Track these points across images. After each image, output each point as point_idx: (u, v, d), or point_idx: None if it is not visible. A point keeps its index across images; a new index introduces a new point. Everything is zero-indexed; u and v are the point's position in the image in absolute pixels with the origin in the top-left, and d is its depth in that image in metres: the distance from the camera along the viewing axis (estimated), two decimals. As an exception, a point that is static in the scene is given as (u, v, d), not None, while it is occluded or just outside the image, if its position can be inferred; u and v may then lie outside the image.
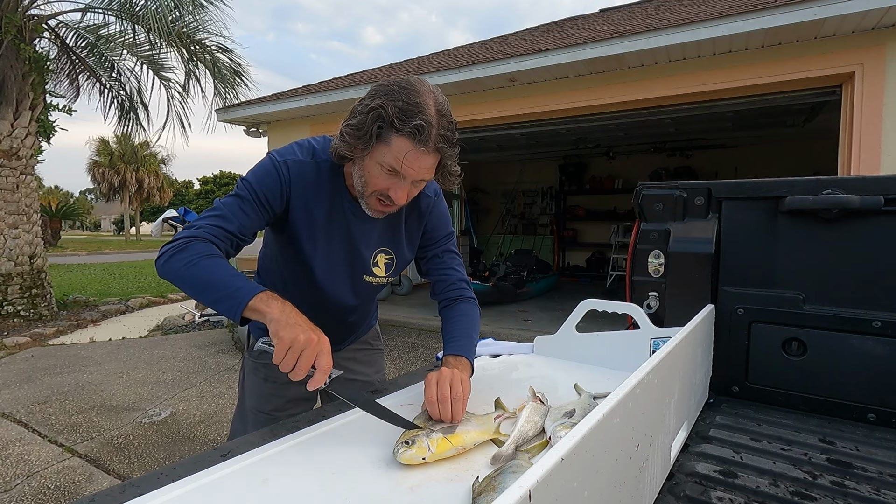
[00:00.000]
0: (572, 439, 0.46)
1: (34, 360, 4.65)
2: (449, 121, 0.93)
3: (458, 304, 1.17)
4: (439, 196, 1.21)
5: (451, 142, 0.93)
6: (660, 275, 1.36)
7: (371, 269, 1.17)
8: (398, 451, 0.75)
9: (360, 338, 1.41)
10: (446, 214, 1.23)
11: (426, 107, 0.89)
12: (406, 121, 0.88)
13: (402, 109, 0.88)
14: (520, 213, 11.07)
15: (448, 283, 1.20)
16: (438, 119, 0.90)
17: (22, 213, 6.29)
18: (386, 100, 0.90)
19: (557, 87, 4.96)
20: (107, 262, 15.93)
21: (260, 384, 1.30)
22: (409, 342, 5.28)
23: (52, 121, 6.91)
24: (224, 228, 0.96)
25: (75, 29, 6.65)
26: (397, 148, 0.91)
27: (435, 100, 0.92)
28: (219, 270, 0.88)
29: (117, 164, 29.10)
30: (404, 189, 0.96)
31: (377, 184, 0.96)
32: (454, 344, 1.06)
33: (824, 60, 3.86)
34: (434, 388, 0.86)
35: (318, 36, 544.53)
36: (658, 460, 0.77)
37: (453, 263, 1.22)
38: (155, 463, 2.71)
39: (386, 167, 0.93)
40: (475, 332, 1.12)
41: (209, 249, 0.91)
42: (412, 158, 0.91)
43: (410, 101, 0.89)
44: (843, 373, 1.14)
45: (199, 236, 0.93)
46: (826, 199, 1.14)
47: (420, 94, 0.90)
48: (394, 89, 0.91)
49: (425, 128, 0.88)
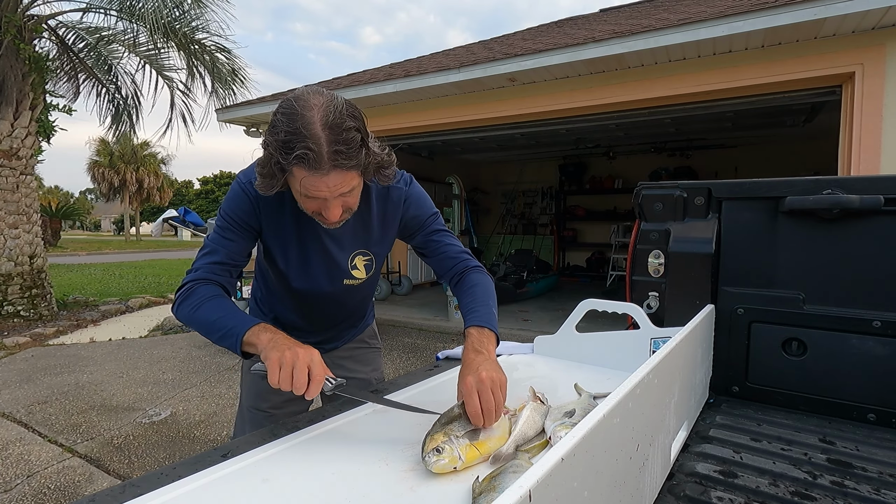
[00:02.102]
0: (572, 439, 0.46)
1: (34, 360, 4.65)
2: (342, 129, 0.85)
3: (468, 275, 1.15)
4: (411, 183, 1.18)
5: (349, 154, 0.86)
6: (660, 275, 1.36)
7: (350, 273, 1.17)
8: (430, 460, 0.73)
9: (356, 336, 1.43)
10: (423, 197, 1.20)
11: (309, 128, 0.83)
12: (288, 154, 0.84)
13: (284, 142, 0.84)
14: (520, 213, 11.07)
15: (450, 259, 1.19)
16: (327, 135, 0.84)
17: (22, 213, 6.29)
18: (269, 136, 0.87)
19: (557, 87, 4.96)
20: (107, 262, 15.93)
21: (256, 381, 1.32)
22: (409, 342, 5.28)
23: (52, 121, 6.91)
24: (216, 262, 1.05)
25: (75, 29, 6.65)
26: (298, 177, 0.88)
27: (322, 113, 0.85)
28: (218, 311, 0.96)
29: (117, 164, 29.09)
30: (332, 206, 0.93)
31: (308, 207, 0.96)
32: (474, 315, 1.03)
33: (824, 60, 3.86)
34: (477, 399, 0.81)
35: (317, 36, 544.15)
36: (658, 460, 0.77)
37: (447, 240, 1.21)
38: (155, 463, 2.71)
39: (302, 194, 0.92)
40: (492, 299, 1.10)
41: (210, 291, 1.00)
42: (314, 183, 0.88)
43: (291, 128, 0.84)
44: (843, 373, 1.14)
45: (199, 278, 1.02)
46: (826, 199, 1.14)
47: (301, 116, 0.84)
48: (276, 120, 0.87)
49: (310, 154, 0.83)
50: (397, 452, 0.80)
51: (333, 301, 1.23)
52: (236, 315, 0.94)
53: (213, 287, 1.02)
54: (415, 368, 1.75)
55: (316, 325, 1.31)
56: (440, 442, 0.76)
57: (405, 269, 8.43)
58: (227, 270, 1.06)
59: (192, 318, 0.98)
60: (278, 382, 0.80)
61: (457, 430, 0.79)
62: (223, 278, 1.05)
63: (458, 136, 6.70)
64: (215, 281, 1.03)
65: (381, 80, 5.64)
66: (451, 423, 0.81)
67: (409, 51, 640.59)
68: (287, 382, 0.80)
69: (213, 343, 0.97)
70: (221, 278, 1.04)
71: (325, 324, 1.32)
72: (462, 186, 10.50)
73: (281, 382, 0.80)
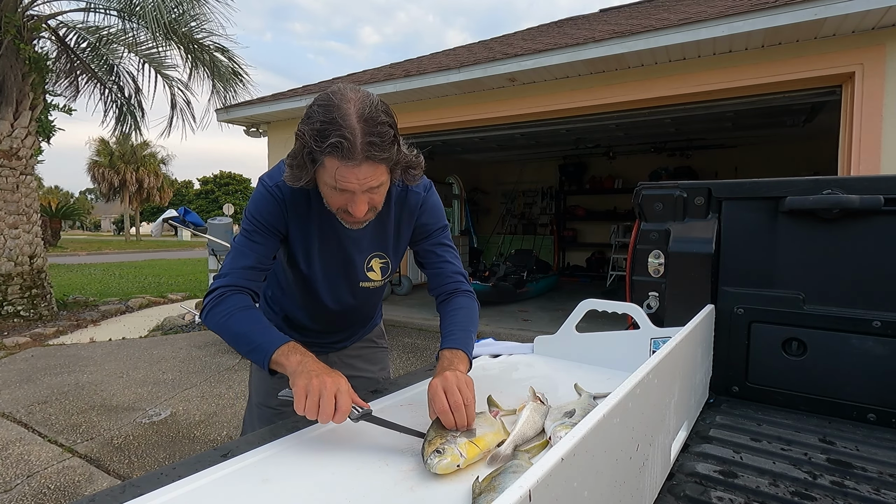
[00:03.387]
0: (572, 439, 0.46)
1: (34, 360, 4.65)
2: (377, 123, 0.88)
3: (455, 298, 1.16)
4: (430, 190, 1.19)
5: (382, 146, 0.89)
6: (660, 275, 1.36)
7: (366, 275, 1.19)
8: (432, 461, 0.73)
9: (365, 335, 1.44)
10: (439, 207, 1.21)
11: (345, 118, 0.86)
12: (323, 141, 0.86)
13: (319, 131, 0.87)
14: (520, 213, 11.07)
15: (444, 277, 1.19)
16: (362, 127, 0.87)
17: (22, 213, 6.29)
18: (305, 125, 0.89)
19: (557, 87, 4.96)
20: (107, 262, 15.93)
21: (265, 379, 1.31)
22: (408, 342, 5.28)
23: (52, 121, 6.91)
24: (246, 267, 1.05)
25: (75, 29, 6.66)
26: (329, 168, 0.90)
27: (358, 107, 0.88)
28: (248, 324, 0.97)
29: (117, 164, 29.11)
30: (360, 201, 0.94)
31: (334, 202, 0.97)
32: (450, 338, 1.05)
33: (824, 60, 3.86)
34: (443, 396, 0.84)
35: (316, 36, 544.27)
36: (658, 460, 0.77)
37: (448, 256, 1.21)
38: (155, 463, 2.71)
39: (331, 186, 0.93)
40: (473, 325, 1.11)
41: (240, 302, 1.01)
42: (346, 174, 0.89)
43: (327, 118, 0.87)
44: (843, 373, 1.14)
45: (230, 285, 1.03)
46: (826, 199, 1.14)
47: (337, 107, 0.87)
48: (312, 110, 0.90)
49: (344, 143, 0.86)
50: (397, 452, 0.80)
51: (348, 303, 1.24)
52: (267, 331, 0.96)
53: (243, 297, 1.02)
54: (415, 368, 1.75)
55: (328, 326, 1.31)
56: (439, 444, 0.76)
57: (405, 269, 8.43)
58: (256, 275, 1.07)
59: (222, 327, 0.99)
60: (304, 410, 0.80)
61: (453, 431, 0.81)
62: (253, 283, 1.06)
63: (458, 136, 6.71)
64: (246, 289, 1.04)
65: (381, 80, 5.65)
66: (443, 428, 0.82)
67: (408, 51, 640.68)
68: (313, 411, 0.80)
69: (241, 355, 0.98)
70: (252, 283, 1.05)
71: (336, 325, 1.33)
72: (462, 186, 10.50)
73: (307, 411, 0.80)
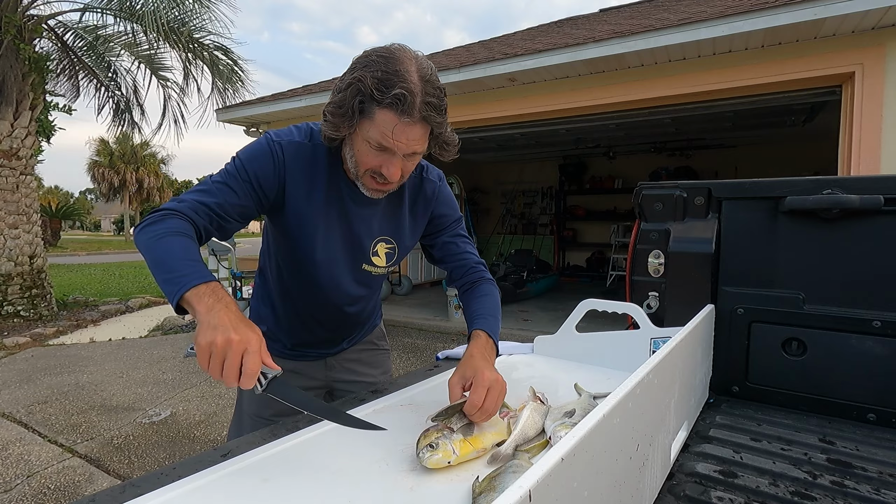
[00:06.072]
0: (572, 439, 0.46)
1: (34, 361, 4.65)
2: (435, 86, 0.87)
3: (480, 286, 1.16)
4: (443, 180, 1.19)
5: (439, 109, 0.88)
6: (660, 275, 1.36)
7: (370, 259, 1.13)
8: (424, 455, 0.73)
9: (364, 337, 1.37)
10: (453, 198, 1.20)
11: (407, 74, 0.84)
12: (385, 91, 0.83)
13: (381, 80, 0.83)
14: (520, 213, 11.07)
15: (467, 268, 1.19)
16: (423, 86, 0.85)
17: (22, 213, 6.29)
18: (364, 72, 0.85)
19: (557, 87, 4.96)
20: (107, 263, 15.93)
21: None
22: (408, 342, 5.28)
23: (52, 120, 6.92)
24: (205, 203, 0.93)
25: (74, 29, 6.66)
26: (381, 121, 0.86)
27: (418, 66, 0.86)
28: (177, 251, 0.82)
29: (117, 164, 29.08)
30: (397, 164, 0.92)
31: (368, 162, 0.93)
32: (484, 321, 1.04)
33: (824, 60, 3.86)
34: (483, 394, 0.82)
35: (314, 35, 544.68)
36: (658, 460, 0.77)
37: (467, 248, 1.21)
38: (155, 463, 2.71)
39: (374, 143, 0.89)
40: (499, 312, 1.11)
41: (181, 227, 0.87)
42: (399, 131, 0.86)
43: (389, 69, 0.84)
44: (843, 373, 1.14)
45: (177, 210, 0.90)
46: (826, 199, 1.14)
47: (400, 61, 0.85)
48: (372, 59, 0.86)
49: (407, 97, 0.83)
50: (397, 452, 0.80)
51: (346, 288, 1.16)
52: (192, 264, 0.81)
53: (187, 225, 0.89)
54: (415, 368, 1.75)
55: (322, 322, 1.23)
56: (434, 437, 0.76)
57: (405, 269, 8.43)
58: (212, 219, 0.94)
59: (148, 247, 0.84)
60: (207, 370, 0.71)
61: (452, 426, 0.80)
62: (203, 222, 0.92)
63: (457, 136, 6.70)
64: (193, 221, 0.90)
65: (381, 80, 5.64)
66: (447, 419, 0.82)
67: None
68: (216, 373, 0.71)
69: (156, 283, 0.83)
70: (202, 221, 0.92)
71: (331, 320, 1.24)
72: (462, 186, 10.49)
73: (210, 372, 0.71)
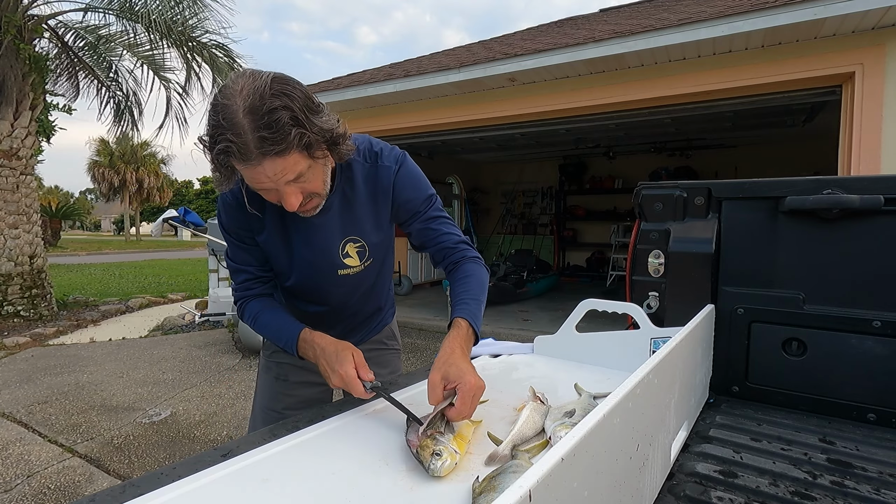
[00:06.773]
0: (572, 439, 0.46)
1: (34, 360, 4.65)
2: (266, 111, 0.78)
3: (462, 265, 1.11)
4: (403, 163, 1.10)
5: (276, 138, 0.79)
6: (660, 275, 1.36)
7: (343, 263, 1.12)
8: (435, 465, 0.72)
9: (372, 336, 1.35)
10: (417, 177, 1.12)
11: (230, 117, 0.78)
12: (215, 146, 0.81)
13: (211, 137, 0.81)
14: (520, 213, 11.07)
15: (448, 249, 1.13)
16: (249, 122, 0.78)
17: (22, 213, 6.29)
18: (206, 132, 0.84)
19: (557, 87, 4.96)
20: (107, 263, 15.93)
21: (271, 382, 1.30)
22: (409, 342, 5.28)
23: (52, 120, 6.92)
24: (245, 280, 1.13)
25: (75, 29, 6.66)
26: (239, 171, 0.85)
27: (243, 99, 0.78)
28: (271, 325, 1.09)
29: (117, 164, 29.08)
30: (285, 196, 0.88)
31: (268, 199, 0.92)
32: (462, 307, 1.01)
33: (824, 60, 3.86)
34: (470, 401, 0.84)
35: (313, 36, 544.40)
36: (658, 460, 0.77)
37: (444, 228, 1.14)
38: (155, 463, 2.71)
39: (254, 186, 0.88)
40: (483, 294, 1.08)
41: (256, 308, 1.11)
42: (250, 176, 0.84)
43: (214, 121, 0.80)
44: (843, 373, 1.14)
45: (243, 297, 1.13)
46: (826, 199, 1.14)
47: (223, 106, 0.79)
48: (208, 115, 0.82)
49: (232, 146, 0.79)
50: (397, 452, 0.80)
51: (334, 296, 1.18)
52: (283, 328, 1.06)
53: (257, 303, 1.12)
54: (415, 368, 1.74)
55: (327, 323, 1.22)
56: (432, 447, 0.75)
57: (405, 269, 8.43)
58: (258, 280, 1.13)
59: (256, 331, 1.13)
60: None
61: (440, 430, 0.80)
62: (259, 289, 1.13)
63: (458, 136, 6.70)
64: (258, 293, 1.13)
65: (381, 80, 5.65)
66: (428, 426, 0.81)
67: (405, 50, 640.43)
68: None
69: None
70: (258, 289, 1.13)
71: (331, 319, 1.24)
72: (462, 186, 10.50)
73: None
